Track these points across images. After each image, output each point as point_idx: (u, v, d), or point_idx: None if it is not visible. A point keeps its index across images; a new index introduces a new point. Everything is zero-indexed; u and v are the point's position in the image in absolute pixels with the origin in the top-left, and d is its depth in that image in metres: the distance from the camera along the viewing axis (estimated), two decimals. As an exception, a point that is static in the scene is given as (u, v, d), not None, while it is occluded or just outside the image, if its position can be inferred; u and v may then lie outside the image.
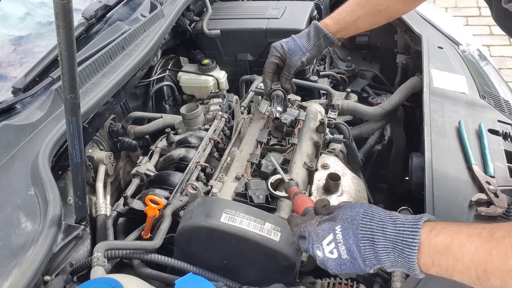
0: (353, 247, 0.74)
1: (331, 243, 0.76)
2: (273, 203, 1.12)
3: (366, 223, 0.75)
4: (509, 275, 0.62)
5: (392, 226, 0.72)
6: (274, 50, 1.35)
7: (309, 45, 1.34)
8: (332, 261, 0.77)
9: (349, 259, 0.75)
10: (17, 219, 1.00)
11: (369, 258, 0.74)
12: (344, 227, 0.76)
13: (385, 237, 0.72)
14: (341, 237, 0.75)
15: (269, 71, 1.37)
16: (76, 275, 1.06)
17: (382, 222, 0.74)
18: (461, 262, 0.66)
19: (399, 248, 0.71)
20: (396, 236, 0.71)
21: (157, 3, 1.86)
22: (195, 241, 1.01)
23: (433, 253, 0.69)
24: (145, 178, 1.41)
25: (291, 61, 1.34)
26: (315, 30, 1.34)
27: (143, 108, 1.96)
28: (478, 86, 1.55)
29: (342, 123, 1.57)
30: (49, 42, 1.61)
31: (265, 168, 1.21)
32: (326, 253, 0.77)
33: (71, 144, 0.96)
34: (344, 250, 0.75)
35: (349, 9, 1.34)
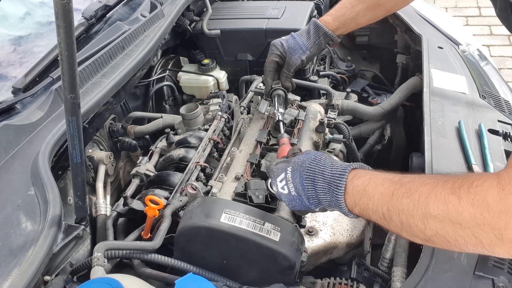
0: (299, 185, 0.87)
1: (282, 181, 0.90)
2: (273, 203, 1.12)
3: (311, 167, 0.86)
4: (403, 213, 0.72)
5: (329, 170, 0.84)
6: (274, 48, 1.35)
7: (309, 43, 1.34)
8: (284, 196, 0.91)
9: (297, 195, 0.88)
10: (17, 219, 1.00)
11: (311, 197, 0.85)
12: (293, 168, 0.89)
13: (323, 179, 0.83)
14: (290, 176, 0.88)
15: (269, 70, 1.37)
16: (76, 275, 1.06)
17: (323, 167, 0.85)
18: (373, 201, 0.77)
19: (332, 189, 0.82)
20: (330, 179, 0.83)
21: (157, 3, 1.86)
22: (195, 241, 1.01)
23: (355, 194, 0.80)
24: (145, 178, 1.41)
25: (291, 59, 1.33)
26: (315, 28, 1.34)
27: (143, 108, 1.96)
28: (478, 86, 1.55)
29: (341, 123, 1.57)
30: (49, 42, 1.61)
31: (265, 168, 1.21)
32: (279, 189, 0.91)
33: (71, 144, 0.96)
34: (292, 187, 0.88)
35: (348, 5, 1.33)
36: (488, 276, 0.91)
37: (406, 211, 0.72)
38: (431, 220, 0.70)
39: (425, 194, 0.71)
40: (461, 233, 0.67)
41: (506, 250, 0.66)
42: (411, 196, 0.72)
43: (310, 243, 1.16)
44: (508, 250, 0.66)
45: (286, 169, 0.90)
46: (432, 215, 0.69)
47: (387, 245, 1.12)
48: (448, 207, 0.68)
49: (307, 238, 1.17)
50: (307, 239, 1.16)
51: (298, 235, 1.03)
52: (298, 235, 1.03)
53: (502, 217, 0.63)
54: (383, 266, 1.14)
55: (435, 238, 0.71)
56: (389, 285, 1.04)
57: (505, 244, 0.65)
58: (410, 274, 0.95)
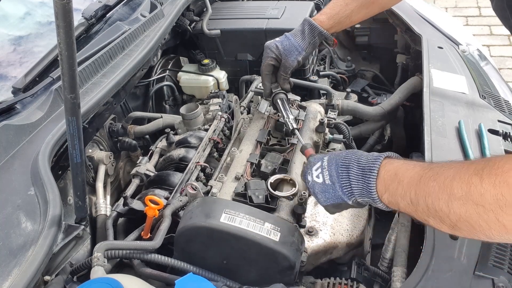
0: (334, 172, 0.89)
1: (318, 169, 0.92)
2: (273, 203, 1.12)
3: (347, 155, 0.89)
4: (429, 196, 0.72)
5: (364, 158, 0.86)
6: (269, 51, 1.33)
7: (304, 44, 1.32)
8: (318, 186, 0.91)
9: (330, 184, 0.89)
10: (17, 219, 1.00)
11: (345, 185, 0.87)
12: (330, 158, 0.92)
13: (358, 166, 0.86)
14: (326, 164, 0.91)
15: (266, 73, 1.36)
16: (76, 275, 1.06)
17: (359, 156, 0.88)
18: (402, 185, 0.77)
19: (366, 174, 0.83)
20: (365, 164, 0.85)
21: (157, 3, 1.86)
22: (194, 241, 1.01)
23: (386, 178, 0.81)
24: (145, 178, 1.41)
25: (287, 61, 1.32)
26: (310, 28, 1.32)
27: (143, 108, 1.96)
28: (478, 86, 1.55)
29: (341, 123, 1.57)
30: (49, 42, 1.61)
31: (265, 168, 1.21)
32: (314, 177, 0.92)
33: (71, 144, 0.96)
34: (327, 175, 0.89)
35: (342, 3, 1.31)
36: (488, 276, 0.91)
37: (432, 194, 0.72)
38: (455, 203, 0.69)
39: (450, 176, 0.71)
40: (484, 217, 0.66)
41: None
42: (438, 179, 0.72)
43: (310, 243, 1.16)
44: None
45: (323, 158, 0.93)
46: (456, 197, 0.69)
47: (387, 245, 1.12)
48: (471, 189, 0.67)
49: (307, 238, 1.17)
50: (307, 239, 1.17)
51: (298, 235, 1.03)
52: (298, 235, 1.03)
53: None
54: (383, 266, 1.14)
55: (459, 223, 0.70)
56: (389, 285, 1.04)
57: None
58: (410, 274, 0.95)
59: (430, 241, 0.98)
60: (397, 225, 1.10)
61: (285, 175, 1.18)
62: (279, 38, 1.34)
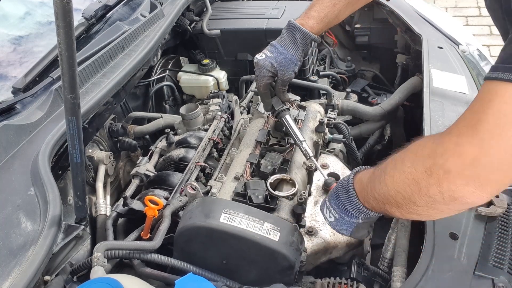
0: (335, 207, 0.98)
1: (327, 211, 1.01)
2: (272, 203, 1.12)
3: (336, 188, 0.99)
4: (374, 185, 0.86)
5: (342, 183, 0.98)
6: (265, 70, 1.23)
7: (298, 54, 1.25)
8: (335, 222, 0.99)
9: (339, 217, 0.97)
10: (17, 219, 1.00)
11: (345, 211, 0.95)
12: (328, 197, 1.01)
13: (342, 190, 0.96)
14: (329, 204, 1.00)
15: (265, 92, 1.29)
16: (76, 275, 1.06)
17: (340, 183, 0.98)
18: (367, 189, 0.90)
19: (349, 195, 0.94)
20: (344, 187, 0.96)
21: (157, 3, 1.86)
22: (194, 241, 1.01)
23: (360, 191, 0.92)
24: (145, 178, 1.41)
25: (285, 76, 1.24)
26: (302, 37, 1.24)
27: (143, 108, 1.96)
28: (478, 86, 1.55)
29: (341, 123, 1.57)
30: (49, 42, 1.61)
31: (265, 168, 1.21)
32: (329, 219, 1.01)
33: (71, 144, 0.96)
34: (334, 211, 0.98)
35: (329, 4, 1.26)
36: (488, 276, 0.91)
37: (376, 182, 0.85)
38: (388, 179, 0.82)
39: (388, 161, 0.85)
40: (406, 181, 0.77)
41: (435, 190, 0.73)
42: (380, 167, 0.86)
43: (310, 243, 1.16)
44: (437, 187, 0.72)
45: (325, 201, 1.03)
46: (388, 174, 0.82)
47: (387, 245, 1.12)
48: (396, 161, 0.81)
49: (307, 238, 1.17)
50: (307, 239, 1.16)
51: (298, 235, 1.03)
52: (297, 235, 1.03)
53: (431, 156, 0.72)
54: (383, 266, 1.14)
55: (398, 197, 0.80)
56: (389, 285, 1.04)
57: (432, 183, 0.72)
58: (410, 274, 0.95)
59: (430, 241, 0.98)
60: (397, 225, 1.10)
61: (284, 175, 1.18)
62: (270, 53, 1.24)
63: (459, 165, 0.69)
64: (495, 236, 1.00)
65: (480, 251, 0.96)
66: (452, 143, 0.70)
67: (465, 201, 0.72)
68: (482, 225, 1.02)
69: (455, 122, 0.73)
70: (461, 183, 0.69)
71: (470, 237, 0.99)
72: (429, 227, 1.01)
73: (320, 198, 1.30)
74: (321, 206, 1.05)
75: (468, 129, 0.68)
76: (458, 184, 0.69)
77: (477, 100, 0.70)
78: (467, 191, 0.70)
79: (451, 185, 0.70)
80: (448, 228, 1.00)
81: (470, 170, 0.68)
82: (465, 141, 0.68)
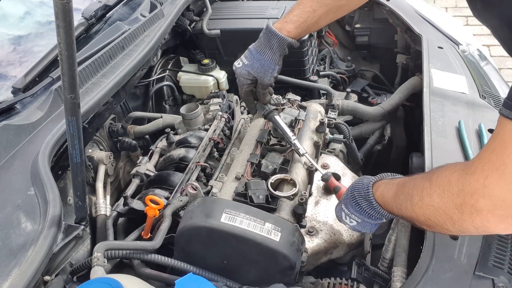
0: (356, 213, 1.01)
1: (346, 217, 1.04)
2: (273, 203, 1.12)
3: (352, 195, 1.01)
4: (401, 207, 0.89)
5: (363, 191, 0.99)
6: (243, 79, 1.25)
7: (275, 59, 1.23)
8: (357, 225, 1.03)
9: (362, 221, 1.01)
10: (17, 219, 1.00)
11: (368, 215, 0.99)
12: (345, 203, 1.04)
13: (364, 199, 0.98)
14: (347, 211, 1.03)
15: (248, 99, 1.32)
16: (76, 275, 1.06)
17: (358, 190, 1.00)
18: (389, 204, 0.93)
19: (371, 205, 0.97)
20: (364, 198, 0.98)
21: (157, 3, 1.86)
22: (195, 241, 1.01)
23: (382, 203, 0.96)
24: (145, 178, 1.41)
25: (264, 81, 1.25)
26: (278, 41, 1.22)
27: (143, 108, 1.96)
28: (478, 86, 1.55)
29: (342, 123, 1.57)
30: (49, 41, 1.61)
31: (265, 168, 1.21)
32: (350, 224, 1.04)
33: (71, 144, 0.96)
34: (355, 217, 1.01)
35: (309, 10, 1.24)
36: (488, 276, 0.91)
37: (402, 205, 0.88)
38: (416, 207, 0.85)
39: (411, 189, 0.86)
40: (436, 213, 0.80)
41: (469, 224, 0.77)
42: (404, 191, 0.88)
43: (311, 243, 1.16)
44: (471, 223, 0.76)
45: (342, 208, 1.05)
46: (414, 203, 0.85)
47: (387, 245, 1.12)
48: (423, 195, 0.83)
49: (308, 238, 1.17)
50: (308, 239, 1.16)
51: (299, 235, 1.03)
52: (298, 235, 1.03)
53: (460, 194, 0.75)
54: (383, 266, 1.14)
55: (429, 222, 0.84)
56: (389, 285, 1.04)
57: (465, 219, 0.76)
58: (410, 274, 0.95)
59: (430, 241, 0.98)
60: (397, 225, 1.10)
61: (285, 175, 1.17)
62: (247, 60, 1.24)
63: (490, 205, 0.73)
64: (495, 236, 1.00)
65: (480, 251, 0.96)
66: (480, 184, 0.73)
67: (498, 232, 0.80)
68: (482, 225, 1.02)
69: (479, 160, 0.76)
70: (494, 220, 0.74)
71: (470, 237, 0.99)
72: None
73: (321, 198, 1.30)
74: (338, 213, 1.08)
75: (494, 171, 0.72)
76: (491, 221, 0.74)
77: (497, 139, 0.74)
78: (500, 227, 0.76)
79: (484, 222, 0.75)
80: (449, 228, 1.00)
81: (501, 210, 0.72)
82: (493, 184, 0.72)
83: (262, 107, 1.33)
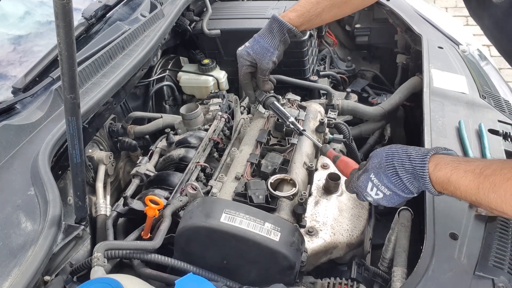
0: (389, 184, 0.92)
1: (373, 188, 0.95)
2: (273, 203, 1.12)
3: (389, 163, 0.92)
4: (491, 203, 0.82)
5: (408, 162, 0.90)
6: (242, 59, 1.30)
7: (274, 43, 1.28)
8: (382, 199, 0.95)
9: (392, 193, 0.93)
10: (17, 219, 1.00)
11: (403, 188, 0.91)
12: (375, 172, 0.94)
13: (406, 171, 0.90)
14: (377, 181, 0.93)
15: (246, 82, 1.34)
16: (76, 275, 1.06)
17: (401, 160, 0.91)
18: (459, 191, 0.85)
19: (417, 178, 0.89)
20: (412, 170, 0.89)
21: (157, 3, 1.86)
22: (195, 241, 1.01)
23: (440, 183, 0.87)
24: (145, 178, 1.41)
25: (262, 64, 1.28)
26: (278, 26, 1.27)
27: (143, 108, 1.96)
28: (478, 86, 1.55)
29: (342, 123, 1.57)
30: (49, 41, 1.61)
31: (265, 168, 1.21)
32: (374, 197, 0.95)
33: (71, 144, 0.96)
34: (385, 189, 0.93)
35: (313, 1, 1.28)
36: (488, 276, 0.91)
37: (495, 203, 0.82)
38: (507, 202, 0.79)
39: (510, 190, 0.79)
40: None
41: None
42: (497, 192, 0.81)
43: (310, 243, 1.16)
44: None
45: (370, 177, 0.95)
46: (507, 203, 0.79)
47: (387, 245, 1.12)
48: None
49: (307, 238, 1.17)
50: (307, 239, 1.16)
51: (298, 235, 1.03)
52: (298, 235, 1.03)
53: None
54: (383, 266, 1.14)
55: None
56: (389, 285, 1.04)
57: None
58: (410, 274, 0.95)
59: (430, 241, 0.98)
60: (397, 225, 1.10)
61: (285, 175, 1.17)
62: (249, 43, 1.31)
63: None
64: (495, 236, 1.00)
65: (480, 251, 0.96)
66: None
67: None
68: (482, 225, 1.02)
69: None
70: None
71: (470, 237, 0.99)
72: (429, 227, 1.01)
73: (321, 198, 1.30)
74: (363, 183, 0.96)
75: None
76: None
77: None
78: None
79: None
80: (448, 228, 1.00)
81: None
82: None
83: (261, 93, 1.35)
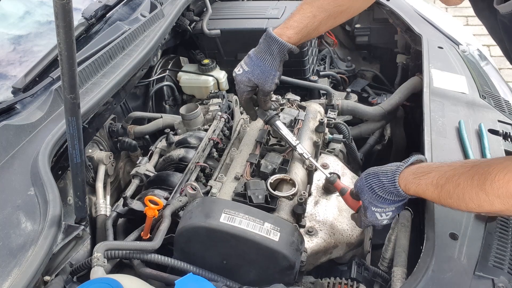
0: (387, 206, 1.03)
1: (382, 215, 1.05)
2: (273, 203, 1.12)
3: (375, 194, 1.02)
4: (453, 208, 0.92)
5: (385, 188, 1.01)
6: (243, 86, 1.23)
7: (275, 65, 1.20)
8: (393, 214, 1.06)
9: (394, 208, 1.04)
10: (17, 219, 1.00)
11: (396, 200, 1.02)
12: (373, 205, 1.04)
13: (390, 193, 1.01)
14: (379, 209, 1.04)
15: (248, 106, 1.30)
16: (76, 275, 1.06)
17: (379, 188, 1.02)
18: (431, 200, 0.98)
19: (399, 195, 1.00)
20: (392, 190, 1.00)
21: (157, 3, 1.86)
22: (194, 241, 1.01)
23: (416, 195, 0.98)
24: (145, 178, 1.41)
25: (265, 87, 1.22)
26: (279, 47, 1.19)
27: (143, 108, 1.96)
28: (478, 86, 1.55)
29: (341, 123, 1.57)
30: (49, 41, 1.61)
31: (265, 168, 1.21)
32: (387, 218, 1.06)
33: (71, 144, 0.96)
34: (387, 209, 1.04)
35: (309, 15, 1.21)
36: (488, 276, 0.91)
37: (456, 206, 0.91)
38: (474, 210, 0.89)
39: (461, 195, 0.88)
40: (502, 212, 0.88)
41: None
42: (452, 198, 0.90)
43: (310, 243, 1.16)
44: None
45: (372, 210, 1.05)
46: (472, 209, 0.89)
47: (387, 245, 1.12)
48: (482, 204, 0.86)
49: (307, 238, 1.17)
50: (307, 239, 1.16)
51: (298, 235, 1.03)
52: (297, 235, 1.03)
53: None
54: (383, 266, 1.14)
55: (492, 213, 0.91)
56: (389, 285, 1.04)
57: None
58: (410, 274, 0.95)
59: (430, 241, 0.98)
60: (397, 225, 1.10)
61: (284, 175, 1.18)
62: (247, 66, 1.21)
63: None
64: (495, 236, 1.00)
65: (480, 251, 0.96)
66: None
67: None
68: (482, 225, 1.02)
69: None
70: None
71: (470, 237, 0.99)
72: (429, 227, 1.01)
73: (320, 198, 1.30)
74: (372, 217, 1.06)
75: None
76: None
77: None
78: None
79: None
80: (448, 228, 1.00)
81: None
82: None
83: (263, 113, 1.30)
